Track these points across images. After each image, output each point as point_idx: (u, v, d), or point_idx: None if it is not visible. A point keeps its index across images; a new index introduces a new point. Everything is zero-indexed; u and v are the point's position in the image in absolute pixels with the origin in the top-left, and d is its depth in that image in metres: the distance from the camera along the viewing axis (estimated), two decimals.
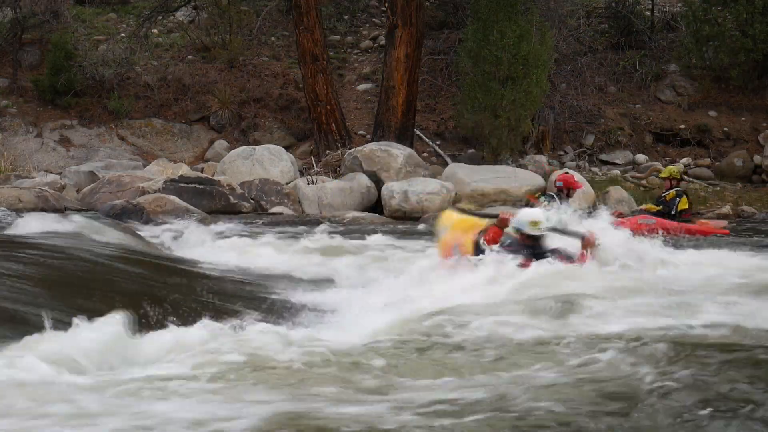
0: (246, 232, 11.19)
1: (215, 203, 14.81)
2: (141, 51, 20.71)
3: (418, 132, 19.06)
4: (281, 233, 11.20)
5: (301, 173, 17.12)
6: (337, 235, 10.70)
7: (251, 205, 15.23)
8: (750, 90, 19.97)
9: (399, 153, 16.49)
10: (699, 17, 19.51)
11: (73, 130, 19.51)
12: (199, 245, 9.40)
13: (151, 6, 21.83)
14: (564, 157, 19.15)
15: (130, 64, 20.31)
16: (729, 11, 19.25)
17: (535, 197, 11.13)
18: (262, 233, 10.98)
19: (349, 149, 17.28)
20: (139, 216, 11.80)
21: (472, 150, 18.87)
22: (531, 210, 7.12)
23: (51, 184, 15.53)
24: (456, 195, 15.80)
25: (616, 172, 18.42)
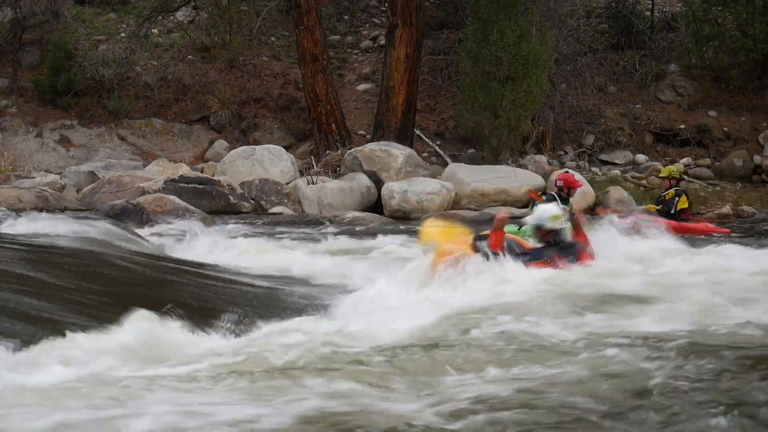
0: (250, 232, 11.20)
1: (215, 203, 14.80)
2: (141, 51, 20.71)
3: (418, 132, 19.06)
4: (288, 234, 11.18)
5: (301, 173, 17.11)
6: (341, 236, 10.69)
7: (251, 205, 15.21)
8: (750, 90, 19.96)
9: (399, 153, 16.48)
10: (699, 17, 19.50)
11: (73, 130, 19.50)
12: (208, 247, 9.35)
13: (151, 6, 21.82)
14: (564, 157, 19.14)
15: (130, 64, 20.31)
16: (729, 11, 19.24)
17: (539, 195, 11.12)
18: (266, 234, 10.98)
19: (349, 149, 17.27)
20: (139, 216, 11.79)
21: (472, 150, 18.87)
22: (546, 206, 7.10)
23: (51, 184, 15.52)
24: (456, 195, 15.80)
25: (616, 172, 18.41)
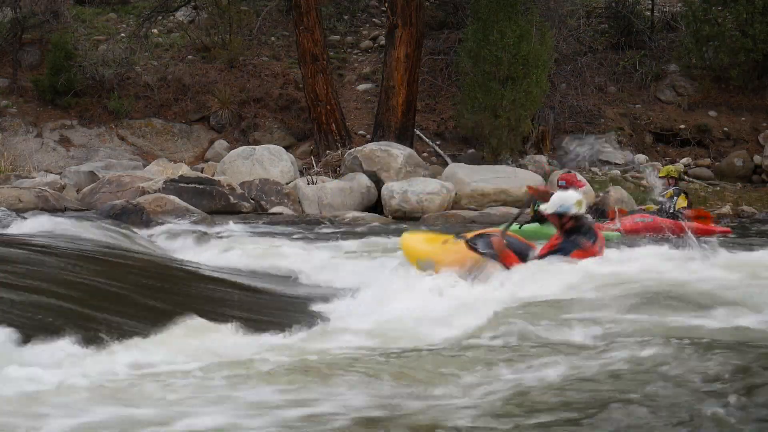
0: (250, 232, 11.17)
1: (215, 203, 14.80)
2: (141, 51, 20.72)
3: (418, 132, 19.06)
4: (288, 234, 11.15)
5: (301, 173, 17.11)
6: (341, 236, 10.68)
7: (251, 205, 15.21)
8: (750, 90, 19.97)
9: (399, 153, 16.48)
10: (699, 17, 19.51)
11: (73, 130, 19.50)
12: (208, 247, 9.31)
13: (151, 6, 21.83)
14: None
15: (130, 64, 20.31)
16: (729, 11, 19.25)
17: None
18: (266, 234, 10.97)
19: (349, 149, 17.27)
20: (139, 216, 11.78)
21: (472, 150, 18.87)
22: (566, 193, 6.60)
23: (51, 184, 15.52)
24: (456, 195, 15.80)
25: (616, 172, 18.42)
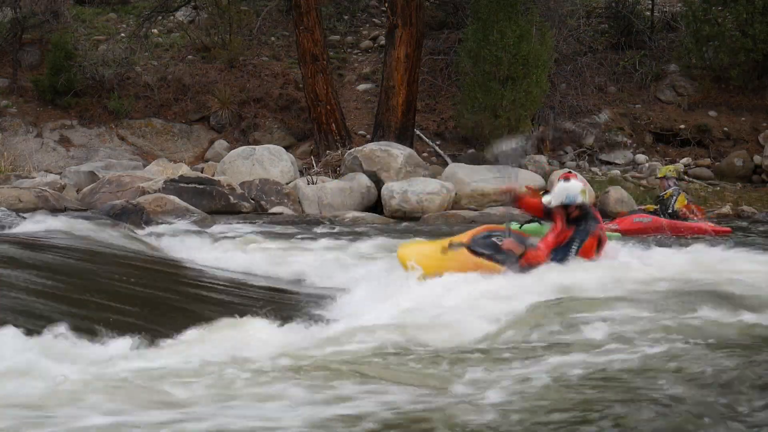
0: (251, 232, 11.15)
1: (215, 203, 14.79)
2: (141, 51, 20.72)
3: (418, 132, 19.06)
4: (288, 234, 11.14)
5: (301, 173, 17.11)
6: (341, 235, 10.67)
7: (251, 205, 15.21)
8: (750, 90, 19.96)
9: (399, 153, 16.48)
10: (699, 17, 19.50)
11: (73, 130, 19.50)
12: (209, 248, 9.29)
13: (151, 6, 21.83)
14: (564, 157, 19.14)
15: (130, 64, 20.31)
16: (729, 11, 19.24)
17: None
18: (266, 234, 10.94)
19: (349, 149, 17.27)
20: (139, 216, 11.76)
21: (472, 150, 18.87)
22: (569, 183, 6.52)
23: (51, 184, 15.51)
24: (456, 195, 15.80)
25: (616, 172, 18.42)
